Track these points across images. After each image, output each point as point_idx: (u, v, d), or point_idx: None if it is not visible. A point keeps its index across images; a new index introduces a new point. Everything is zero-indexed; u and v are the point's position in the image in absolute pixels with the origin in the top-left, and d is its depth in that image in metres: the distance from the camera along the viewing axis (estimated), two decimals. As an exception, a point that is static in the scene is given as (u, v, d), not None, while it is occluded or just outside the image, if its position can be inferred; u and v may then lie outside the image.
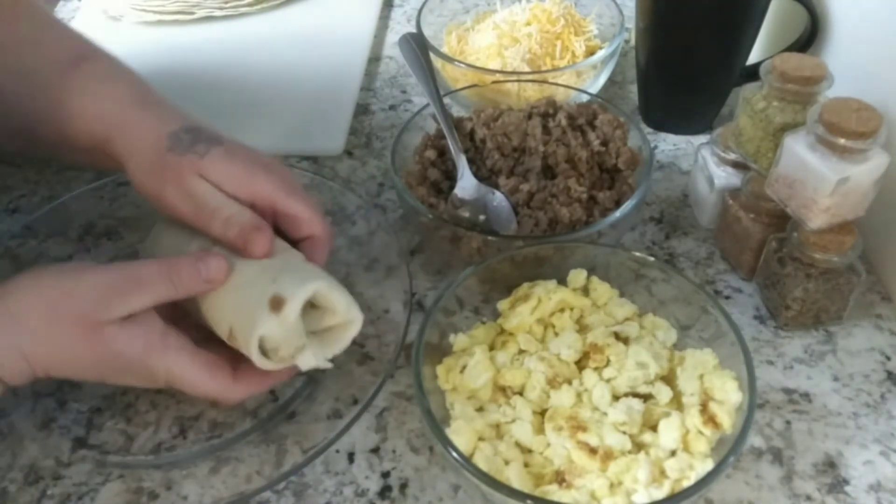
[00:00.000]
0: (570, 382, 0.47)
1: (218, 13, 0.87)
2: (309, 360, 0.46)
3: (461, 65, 0.69)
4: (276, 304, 0.44)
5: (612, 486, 0.43)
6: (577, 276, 0.53)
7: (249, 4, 0.88)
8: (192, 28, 0.86)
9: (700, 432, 0.45)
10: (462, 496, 0.48)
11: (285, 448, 0.49)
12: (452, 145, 0.60)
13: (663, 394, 0.47)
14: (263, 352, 0.44)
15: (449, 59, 0.70)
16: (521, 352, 0.49)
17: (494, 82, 0.67)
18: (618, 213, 0.55)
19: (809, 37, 0.65)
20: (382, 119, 0.76)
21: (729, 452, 0.41)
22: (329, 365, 0.47)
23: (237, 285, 0.46)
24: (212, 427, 0.51)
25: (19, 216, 0.66)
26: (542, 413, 0.46)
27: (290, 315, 0.44)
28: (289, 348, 0.45)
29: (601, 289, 0.52)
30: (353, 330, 0.47)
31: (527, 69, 0.70)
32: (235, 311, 0.45)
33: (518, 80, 0.68)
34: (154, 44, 0.73)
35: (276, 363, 0.45)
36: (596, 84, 0.72)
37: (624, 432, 0.44)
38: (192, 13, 0.87)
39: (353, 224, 0.63)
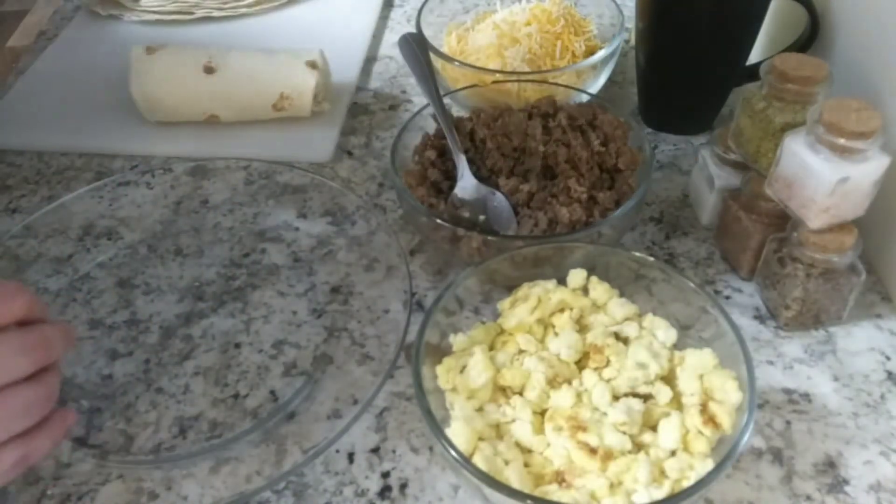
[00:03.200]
0: (569, 382, 0.47)
1: (216, 13, 0.87)
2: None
3: (461, 65, 0.69)
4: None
5: (611, 486, 0.43)
6: (577, 276, 0.53)
7: (249, 6, 0.88)
8: (190, 28, 0.86)
9: (700, 432, 0.45)
10: (462, 496, 0.48)
11: (285, 448, 0.49)
12: (452, 145, 0.60)
13: (663, 394, 0.47)
14: None
15: (449, 59, 0.70)
16: (520, 352, 0.49)
17: (494, 82, 0.67)
18: (618, 213, 0.55)
19: (809, 37, 0.65)
20: (382, 119, 0.76)
21: (729, 452, 0.41)
22: None
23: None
24: (212, 427, 0.51)
25: (19, 216, 0.66)
26: (542, 413, 0.46)
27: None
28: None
29: (601, 289, 0.52)
30: None
31: (527, 69, 0.70)
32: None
33: (518, 81, 0.68)
34: (151, 43, 0.75)
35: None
36: (596, 84, 0.72)
37: (624, 432, 0.44)
38: (192, 13, 0.87)
39: (353, 224, 0.63)
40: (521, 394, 0.47)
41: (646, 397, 0.47)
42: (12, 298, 0.41)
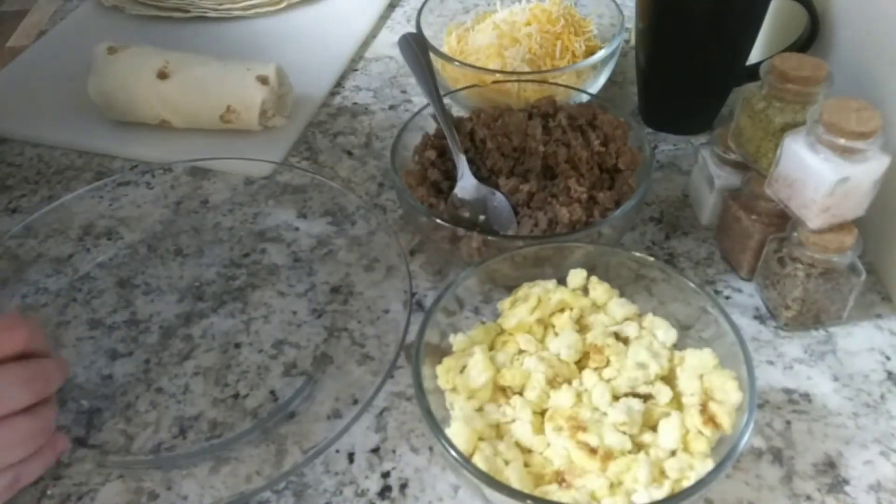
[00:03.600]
0: (569, 382, 0.47)
1: (211, 14, 0.87)
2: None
3: (461, 65, 0.69)
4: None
5: (611, 486, 0.43)
6: (577, 276, 0.53)
7: (243, 9, 0.88)
8: (187, 26, 0.86)
9: (700, 432, 0.45)
10: (462, 496, 0.48)
11: (285, 448, 0.49)
12: (452, 145, 0.60)
13: (663, 394, 0.47)
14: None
15: (449, 59, 0.70)
16: (520, 352, 0.49)
17: (494, 82, 0.67)
18: (618, 214, 0.55)
19: (809, 37, 0.65)
20: (382, 119, 0.76)
21: (729, 452, 0.41)
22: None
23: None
24: (212, 427, 0.51)
25: (19, 216, 0.66)
26: (542, 413, 0.46)
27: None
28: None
29: (601, 289, 0.52)
30: None
31: (527, 69, 0.70)
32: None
33: (518, 81, 0.68)
34: (149, 39, 0.75)
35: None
36: (596, 84, 0.72)
37: (624, 432, 0.44)
38: (188, 11, 0.87)
39: (353, 224, 0.63)
40: (521, 394, 0.47)
41: (646, 397, 0.47)
42: (13, 331, 0.42)
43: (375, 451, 0.50)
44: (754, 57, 0.69)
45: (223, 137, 0.72)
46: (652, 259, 0.52)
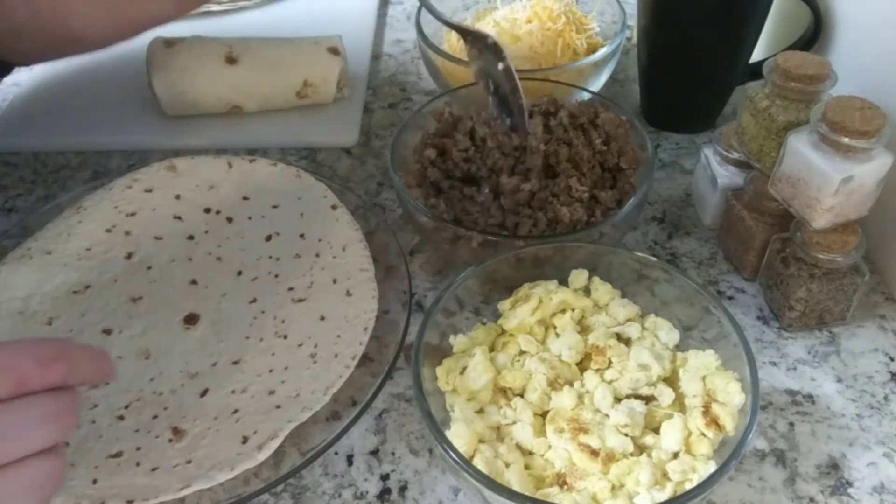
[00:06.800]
0: (571, 384, 0.47)
1: (216, 7, 0.86)
2: None
3: (462, 63, 0.69)
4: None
5: (613, 488, 0.42)
6: (579, 277, 0.52)
7: None
8: (189, 23, 0.86)
9: (702, 434, 0.44)
10: (462, 499, 0.47)
11: (283, 450, 0.49)
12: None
13: (665, 395, 0.46)
14: None
15: (450, 57, 0.69)
16: (521, 353, 0.49)
17: (495, 80, 0.67)
18: (619, 213, 0.55)
19: (813, 35, 0.65)
20: (381, 117, 0.75)
21: (731, 454, 0.41)
22: None
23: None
24: (209, 429, 0.50)
25: (15, 215, 0.66)
26: (543, 415, 0.46)
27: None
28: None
29: (603, 289, 0.52)
30: None
31: (528, 67, 0.70)
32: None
33: (519, 79, 0.67)
34: (151, 40, 0.75)
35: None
36: (597, 82, 0.72)
37: (626, 434, 0.44)
38: None
39: (352, 224, 0.62)
40: (521, 395, 0.47)
41: (648, 399, 0.46)
42: (51, 364, 0.36)
43: (374, 453, 0.50)
44: (757, 55, 0.68)
45: (295, 115, 0.73)
46: (654, 259, 0.52)
